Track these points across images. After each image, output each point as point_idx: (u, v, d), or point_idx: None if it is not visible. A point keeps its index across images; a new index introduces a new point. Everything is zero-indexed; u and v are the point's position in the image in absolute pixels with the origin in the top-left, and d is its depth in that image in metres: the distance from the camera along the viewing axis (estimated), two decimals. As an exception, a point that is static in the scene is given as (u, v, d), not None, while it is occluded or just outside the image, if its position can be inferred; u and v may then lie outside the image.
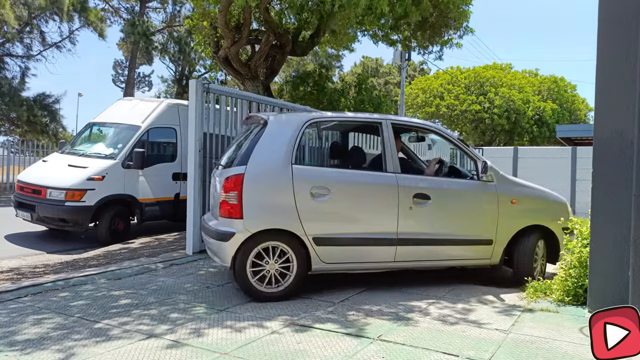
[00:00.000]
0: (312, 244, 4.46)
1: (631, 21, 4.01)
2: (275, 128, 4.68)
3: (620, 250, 3.95)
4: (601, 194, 4.15)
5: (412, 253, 4.81)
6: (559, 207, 5.39)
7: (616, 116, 4.07)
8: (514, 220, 5.10)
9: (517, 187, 5.24)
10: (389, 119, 5.02)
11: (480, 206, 5.04)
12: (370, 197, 4.68)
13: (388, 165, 4.79)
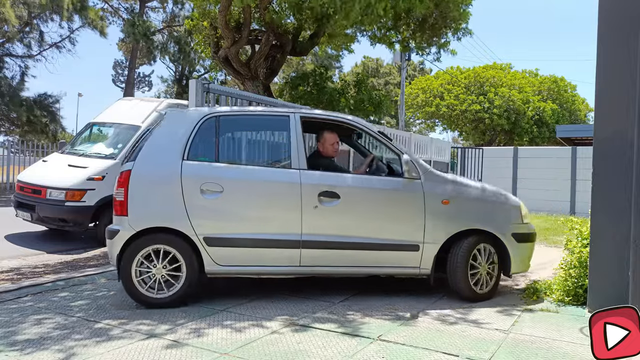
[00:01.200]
0: (204, 245, 4.18)
1: (631, 21, 4.01)
2: (169, 124, 4.52)
3: (620, 250, 3.95)
4: (601, 194, 4.15)
5: (320, 257, 4.34)
6: (506, 209, 4.71)
7: (616, 116, 4.07)
8: (446, 223, 4.47)
9: (451, 186, 4.58)
10: (298, 112, 4.65)
11: (402, 206, 4.48)
12: (268, 195, 4.33)
13: (293, 161, 4.40)
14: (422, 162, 4.60)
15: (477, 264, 4.51)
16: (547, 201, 14.68)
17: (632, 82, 3.94)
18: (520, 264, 4.73)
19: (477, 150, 16.53)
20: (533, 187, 15.06)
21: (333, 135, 4.93)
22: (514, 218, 4.71)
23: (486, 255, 4.57)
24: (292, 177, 4.34)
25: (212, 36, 11.26)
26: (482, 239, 4.53)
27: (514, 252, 4.59)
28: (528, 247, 4.80)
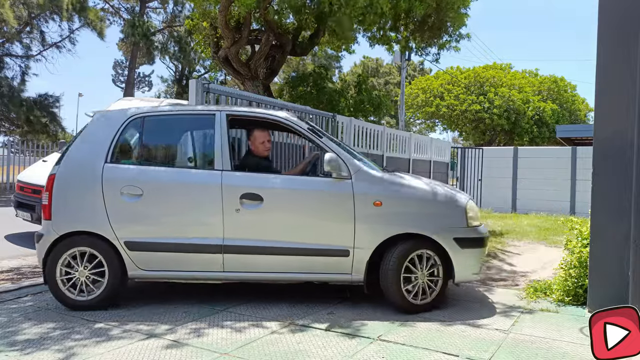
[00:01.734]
0: (125, 249, 4.11)
1: (631, 21, 4.01)
2: (95, 126, 4.44)
3: (620, 250, 3.96)
4: (601, 194, 4.15)
5: (244, 263, 4.15)
6: (447, 211, 4.21)
7: (616, 116, 4.07)
8: (378, 227, 4.10)
9: (384, 185, 4.18)
10: (224, 110, 4.43)
11: (329, 209, 4.16)
12: (189, 198, 4.18)
13: (216, 162, 4.23)
14: (354, 161, 4.22)
15: (415, 272, 4.10)
16: (547, 201, 14.68)
17: (632, 82, 3.94)
18: (466, 271, 4.20)
19: (477, 150, 16.53)
20: (533, 187, 15.06)
21: (263, 133, 4.67)
22: (457, 220, 4.19)
23: (426, 262, 4.13)
24: (213, 178, 4.17)
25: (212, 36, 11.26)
26: (420, 244, 4.10)
27: (457, 259, 4.11)
28: (475, 253, 4.22)
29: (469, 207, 4.26)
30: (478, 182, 16.15)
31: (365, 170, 4.21)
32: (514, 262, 6.63)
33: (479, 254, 4.27)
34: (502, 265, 6.42)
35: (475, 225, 4.29)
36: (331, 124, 10.07)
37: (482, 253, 4.33)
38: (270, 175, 4.36)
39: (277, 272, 4.19)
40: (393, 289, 4.06)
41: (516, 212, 15.09)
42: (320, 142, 4.31)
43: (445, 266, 4.16)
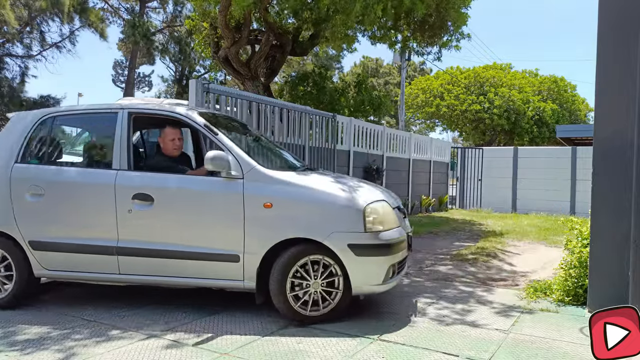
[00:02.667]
0: (30, 249, 4.13)
1: (631, 21, 4.01)
2: (11, 125, 4.49)
3: (620, 250, 3.96)
4: (601, 194, 4.15)
5: (138, 266, 4.01)
6: (342, 214, 3.79)
7: (616, 116, 4.07)
8: (267, 231, 3.81)
9: (276, 186, 3.85)
10: (127, 108, 4.30)
11: (219, 210, 3.91)
12: (84, 198, 4.13)
13: (114, 161, 4.13)
14: (247, 160, 3.93)
15: (307, 280, 3.78)
16: (547, 201, 14.69)
17: (632, 82, 3.94)
18: (365, 282, 3.79)
19: (477, 150, 16.53)
20: (533, 187, 15.07)
21: (172, 130, 4.45)
22: (353, 225, 3.76)
23: (321, 270, 3.78)
24: (108, 178, 4.08)
25: (212, 36, 11.26)
26: (314, 250, 3.77)
27: (351, 268, 3.73)
28: (376, 261, 3.78)
29: (369, 210, 3.80)
30: (478, 182, 16.15)
31: (257, 170, 3.89)
32: (514, 262, 6.63)
33: (382, 263, 3.78)
34: (502, 265, 6.42)
35: (378, 230, 3.80)
36: (331, 124, 10.07)
37: (387, 261, 3.81)
38: (163, 174, 4.12)
39: (170, 277, 3.99)
40: (277, 297, 3.77)
41: (516, 212, 15.09)
42: (215, 139, 4.04)
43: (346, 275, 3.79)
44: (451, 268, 6.14)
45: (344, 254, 3.71)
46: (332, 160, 10.02)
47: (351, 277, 3.75)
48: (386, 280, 3.84)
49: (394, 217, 4.03)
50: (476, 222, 11.44)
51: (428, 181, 14.78)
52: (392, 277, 3.92)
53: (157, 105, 5.06)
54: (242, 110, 7.80)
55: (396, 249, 3.91)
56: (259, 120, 8.30)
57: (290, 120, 8.94)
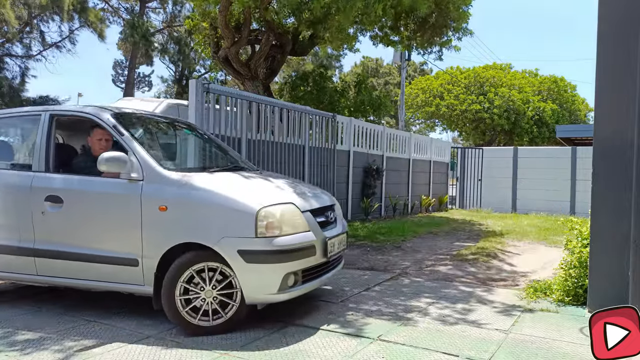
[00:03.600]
0: None
1: (631, 21, 4.01)
2: None
3: (620, 250, 3.95)
4: (601, 194, 4.15)
5: (52, 267, 3.99)
6: (234, 218, 3.60)
7: (616, 116, 4.07)
8: (162, 235, 3.68)
9: (172, 188, 3.72)
10: (49, 110, 4.30)
11: (119, 213, 3.83)
12: (7, 200, 4.15)
13: (34, 163, 4.15)
14: (148, 161, 3.81)
15: (198, 288, 3.61)
16: (547, 201, 14.69)
17: (632, 82, 3.94)
18: (258, 290, 3.59)
19: (477, 150, 16.54)
20: (533, 187, 15.07)
21: (99, 131, 4.30)
22: (244, 230, 3.56)
23: (215, 277, 3.62)
24: (25, 180, 4.11)
25: (212, 36, 11.26)
26: (208, 256, 3.60)
27: (242, 275, 3.54)
28: (266, 269, 3.57)
29: (262, 214, 3.57)
30: (478, 182, 16.16)
31: (157, 171, 3.77)
32: (514, 262, 6.63)
33: (276, 270, 3.57)
34: (502, 265, 6.42)
35: (272, 235, 3.58)
36: (331, 124, 10.07)
37: (283, 269, 3.59)
38: (72, 176, 4.10)
39: (82, 279, 3.94)
40: (167, 305, 3.63)
41: (516, 212, 15.09)
42: (121, 139, 3.95)
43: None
44: (451, 268, 6.14)
45: (234, 261, 3.52)
46: (332, 161, 10.02)
47: (242, 285, 3.56)
48: (284, 289, 3.62)
49: (300, 222, 3.80)
50: (476, 222, 11.44)
51: (428, 181, 14.79)
52: (294, 285, 3.70)
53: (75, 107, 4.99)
54: (242, 110, 7.80)
55: (296, 256, 3.66)
56: (259, 120, 8.30)
57: (290, 120, 8.95)
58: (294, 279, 3.70)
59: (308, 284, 3.87)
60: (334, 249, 4.11)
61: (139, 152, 3.85)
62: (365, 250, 7.27)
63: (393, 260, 6.57)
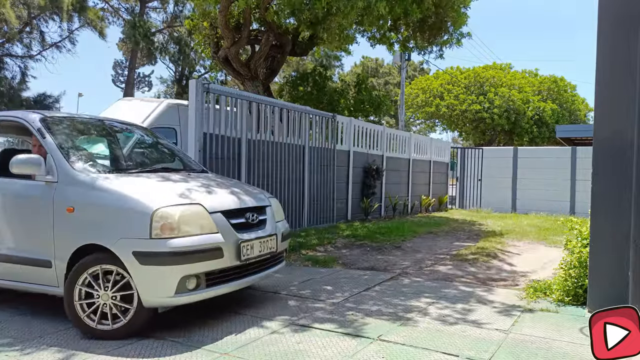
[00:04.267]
0: None
1: (631, 21, 4.01)
2: None
3: (620, 250, 3.95)
4: (601, 193, 4.15)
5: None
6: (130, 220, 3.54)
7: (616, 116, 4.07)
8: (71, 237, 3.67)
9: (80, 190, 3.72)
10: None
11: (33, 214, 3.85)
12: None
13: None
14: (62, 163, 3.82)
15: (97, 291, 3.55)
16: (547, 201, 14.69)
17: (632, 82, 3.95)
18: (154, 293, 3.49)
19: (477, 150, 16.54)
20: (533, 187, 15.07)
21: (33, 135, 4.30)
22: (140, 231, 3.49)
23: (112, 280, 3.54)
24: None
25: (212, 36, 11.26)
26: (104, 258, 3.55)
27: (138, 277, 3.46)
28: (160, 271, 3.46)
29: (158, 215, 3.50)
30: (478, 182, 16.16)
31: (69, 173, 3.78)
32: (514, 262, 6.63)
33: (172, 273, 3.48)
34: (502, 265, 6.42)
35: (168, 237, 3.49)
36: (331, 124, 10.07)
37: (179, 271, 3.49)
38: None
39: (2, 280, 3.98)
40: (67, 307, 3.60)
41: (516, 212, 15.09)
42: (42, 142, 3.98)
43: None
44: (451, 268, 6.14)
45: (130, 262, 3.45)
46: (332, 161, 10.03)
47: (139, 288, 3.47)
48: (182, 293, 3.52)
49: (206, 223, 3.71)
50: (476, 222, 11.44)
51: (428, 181, 14.79)
52: (196, 289, 3.59)
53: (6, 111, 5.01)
54: (242, 110, 7.80)
55: (195, 258, 3.55)
56: (259, 120, 8.30)
57: (290, 120, 8.95)
58: (195, 282, 3.59)
59: (215, 288, 3.74)
60: (252, 252, 3.96)
61: (56, 154, 3.87)
62: (365, 250, 7.27)
63: (393, 260, 6.57)
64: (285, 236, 4.62)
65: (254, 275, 4.12)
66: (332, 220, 10.05)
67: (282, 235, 4.48)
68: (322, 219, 9.74)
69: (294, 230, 8.65)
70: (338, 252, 7.14)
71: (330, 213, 10.02)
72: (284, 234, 4.58)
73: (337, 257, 6.62)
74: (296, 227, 8.92)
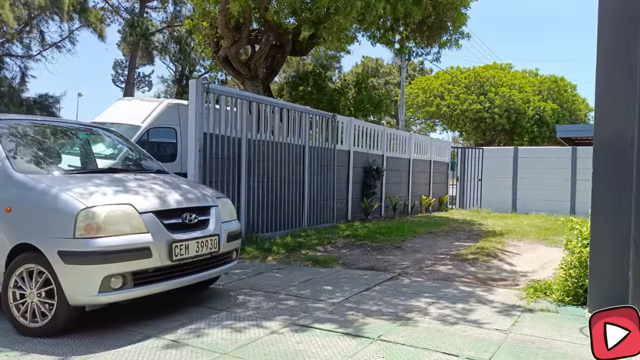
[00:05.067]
0: None
1: (631, 21, 4.01)
2: None
3: (620, 250, 3.95)
4: (601, 193, 4.15)
5: None
6: (57, 220, 3.58)
7: (616, 116, 4.07)
8: (7, 236, 3.74)
9: (17, 190, 3.81)
10: None
11: None
12: None
13: None
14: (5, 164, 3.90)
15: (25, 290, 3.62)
16: (547, 201, 14.69)
17: (632, 82, 3.94)
18: (79, 292, 3.51)
19: (477, 150, 16.53)
20: (533, 187, 15.07)
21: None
22: (65, 230, 3.53)
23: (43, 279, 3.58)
24: None
25: (212, 36, 11.27)
26: (35, 257, 3.61)
27: (62, 276, 3.49)
28: (83, 270, 3.49)
29: (83, 215, 3.54)
30: (478, 182, 16.16)
31: (9, 174, 3.85)
32: (514, 262, 6.63)
33: (95, 272, 3.50)
34: (502, 265, 6.42)
35: (92, 236, 3.53)
36: (331, 124, 10.07)
37: (102, 270, 3.52)
38: None
39: None
40: (4, 307, 3.66)
41: (516, 212, 15.09)
42: None
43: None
44: (451, 268, 6.14)
45: (55, 262, 3.50)
46: (332, 161, 10.02)
47: (63, 286, 3.49)
48: (106, 291, 3.53)
49: (135, 223, 3.74)
50: (476, 222, 11.44)
51: (428, 181, 14.79)
52: (122, 288, 3.61)
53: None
54: (242, 110, 7.80)
55: (120, 258, 3.58)
56: (259, 120, 8.30)
57: (290, 120, 8.95)
58: (121, 281, 3.61)
59: (143, 287, 3.74)
60: (186, 252, 3.95)
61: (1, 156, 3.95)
62: (365, 250, 7.27)
63: (393, 260, 6.57)
64: (233, 236, 4.57)
65: (191, 276, 4.09)
66: (332, 220, 10.05)
67: (227, 235, 4.43)
68: (322, 219, 9.74)
69: (294, 230, 8.65)
70: (338, 252, 7.14)
71: (330, 213, 10.02)
72: (231, 234, 4.53)
73: (337, 257, 6.62)
74: (296, 227, 8.92)
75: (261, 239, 7.53)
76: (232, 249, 4.59)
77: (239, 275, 5.54)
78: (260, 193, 8.07)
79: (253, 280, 5.33)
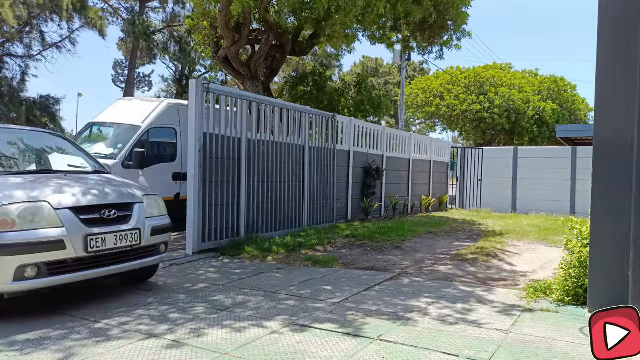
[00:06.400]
0: None
1: (631, 21, 4.01)
2: None
3: (620, 250, 3.95)
4: (601, 193, 4.15)
5: None
6: None
7: (616, 116, 4.07)
8: None
9: None
10: None
11: None
12: None
13: None
14: None
15: None
16: (547, 201, 14.69)
17: (632, 82, 3.94)
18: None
19: (477, 150, 16.53)
20: (533, 187, 15.07)
21: None
22: None
23: None
24: None
25: (212, 36, 11.26)
26: None
27: None
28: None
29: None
30: (478, 182, 16.16)
31: None
32: (514, 262, 6.63)
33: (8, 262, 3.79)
34: (502, 265, 6.42)
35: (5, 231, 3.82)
36: (331, 124, 10.07)
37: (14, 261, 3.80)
38: None
39: None
40: None
41: (516, 212, 15.09)
42: None
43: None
44: (451, 268, 6.14)
45: None
46: (332, 161, 10.02)
47: None
48: (21, 280, 3.83)
49: (51, 218, 4.02)
50: (476, 222, 11.44)
51: (428, 181, 14.78)
52: (36, 277, 3.88)
53: None
54: (242, 110, 7.80)
55: (33, 250, 3.87)
56: (259, 120, 8.30)
57: (290, 120, 8.95)
58: (35, 271, 3.89)
59: (58, 277, 4.03)
60: (103, 244, 4.23)
61: None
62: (365, 250, 7.27)
63: (393, 260, 6.57)
64: (158, 230, 4.81)
65: (110, 267, 4.36)
66: (332, 220, 10.05)
67: (151, 229, 4.68)
68: (322, 219, 9.74)
69: (294, 230, 8.65)
70: (338, 252, 7.14)
71: (330, 213, 10.02)
72: (156, 229, 4.78)
73: (337, 257, 6.62)
74: (296, 227, 8.92)
75: (261, 238, 7.53)
76: (157, 242, 4.83)
77: (239, 275, 5.54)
78: (260, 193, 8.07)
79: (253, 280, 5.33)
